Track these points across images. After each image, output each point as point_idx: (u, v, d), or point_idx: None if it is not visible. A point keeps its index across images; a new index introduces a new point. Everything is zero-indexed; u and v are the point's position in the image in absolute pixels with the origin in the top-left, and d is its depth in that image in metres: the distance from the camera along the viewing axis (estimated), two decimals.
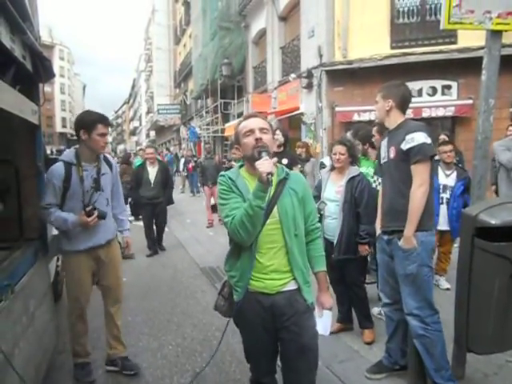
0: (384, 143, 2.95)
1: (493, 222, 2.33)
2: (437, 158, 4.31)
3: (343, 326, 3.79)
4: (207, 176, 9.16)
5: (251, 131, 2.03)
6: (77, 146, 3.06)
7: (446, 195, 4.67)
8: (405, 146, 2.66)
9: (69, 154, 3.02)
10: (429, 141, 2.63)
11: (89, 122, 2.94)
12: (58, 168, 2.92)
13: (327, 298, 2.23)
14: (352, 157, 3.64)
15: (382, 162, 2.99)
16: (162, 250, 7.30)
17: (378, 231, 3.03)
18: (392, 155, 2.80)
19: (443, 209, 4.68)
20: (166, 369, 3.29)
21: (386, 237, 2.90)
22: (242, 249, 2.03)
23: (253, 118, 2.12)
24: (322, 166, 5.30)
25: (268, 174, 1.81)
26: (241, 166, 2.17)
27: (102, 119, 2.99)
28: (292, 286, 2.05)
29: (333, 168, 3.70)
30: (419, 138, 2.62)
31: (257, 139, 1.99)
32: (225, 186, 2.06)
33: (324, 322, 2.23)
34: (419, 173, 2.63)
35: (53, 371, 3.14)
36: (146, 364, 3.35)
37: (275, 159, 2.00)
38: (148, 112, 49.86)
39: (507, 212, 2.40)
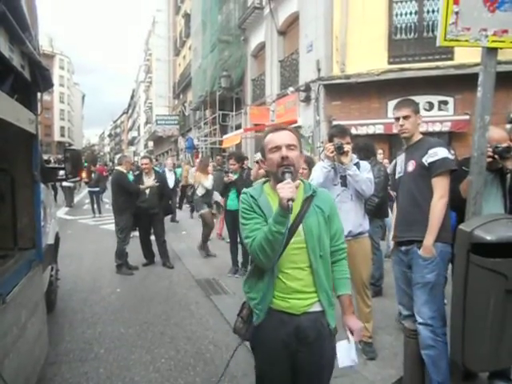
0: (401, 158, 3.06)
1: (488, 237, 2.32)
2: None
3: None
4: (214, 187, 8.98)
5: (277, 148, 1.89)
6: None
7: None
8: (427, 160, 2.77)
9: None
10: (451, 156, 2.78)
11: None
12: None
13: (356, 322, 2.04)
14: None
15: (397, 176, 3.09)
16: (169, 268, 6.77)
17: (392, 245, 3.11)
18: (410, 168, 2.90)
19: None
20: (158, 382, 3.25)
21: (403, 247, 2.95)
22: (263, 269, 1.91)
23: (280, 131, 1.95)
24: None
25: (289, 200, 1.68)
26: (265, 182, 2.06)
27: None
28: (317, 308, 1.92)
29: None
30: (442, 152, 2.74)
31: (283, 157, 1.86)
32: (246, 204, 1.95)
33: (351, 350, 2.00)
34: (441, 185, 2.74)
35: (44, 383, 3.08)
36: (138, 377, 3.30)
37: (298, 182, 1.90)
38: (147, 122, 50.02)
39: (502, 228, 2.39)
